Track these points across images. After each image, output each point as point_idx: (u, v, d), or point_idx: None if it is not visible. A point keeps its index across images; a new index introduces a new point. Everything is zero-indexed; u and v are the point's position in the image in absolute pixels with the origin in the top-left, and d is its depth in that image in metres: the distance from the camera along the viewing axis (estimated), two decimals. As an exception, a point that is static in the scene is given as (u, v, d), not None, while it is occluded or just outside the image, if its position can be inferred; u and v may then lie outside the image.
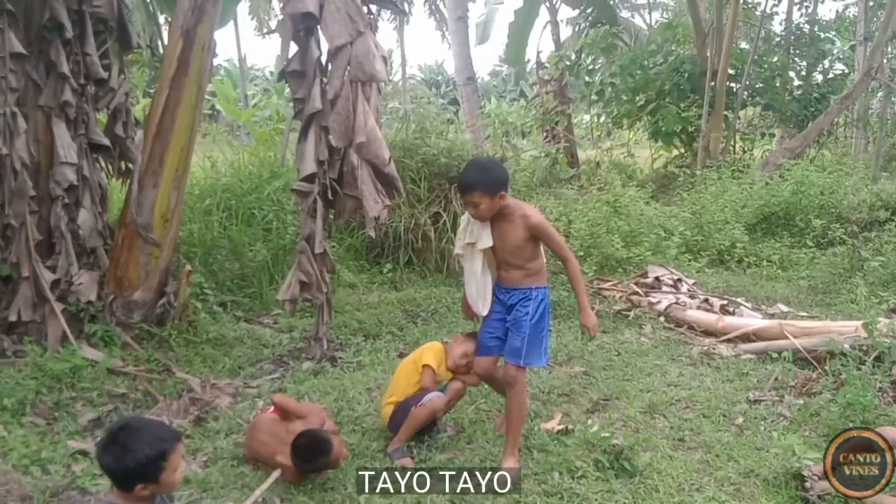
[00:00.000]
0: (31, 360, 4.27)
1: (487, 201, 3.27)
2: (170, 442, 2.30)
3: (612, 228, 7.80)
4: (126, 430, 2.29)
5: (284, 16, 4.63)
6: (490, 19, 17.45)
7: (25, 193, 4.61)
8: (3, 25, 4.58)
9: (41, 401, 3.98)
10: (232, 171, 7.59)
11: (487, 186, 3.26)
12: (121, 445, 2.24)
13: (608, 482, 3.29)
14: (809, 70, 16.09)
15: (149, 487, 2.27)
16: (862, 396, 3.77)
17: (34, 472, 3.36)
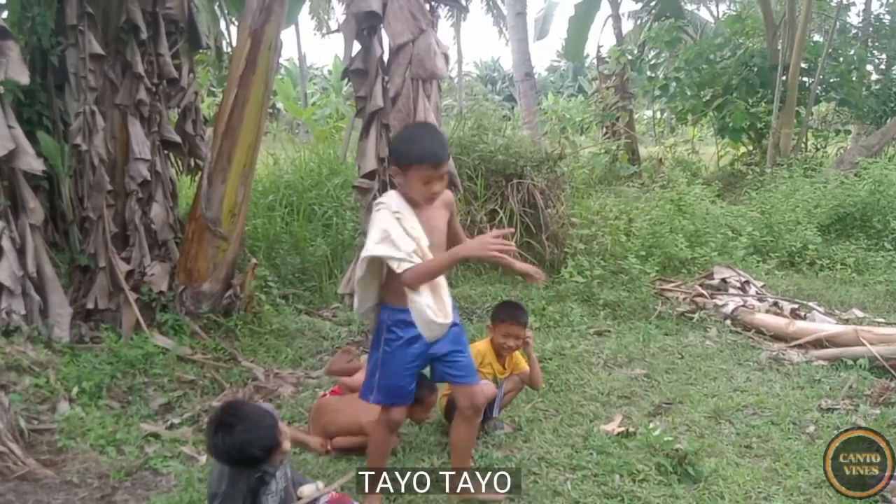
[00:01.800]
0: (107, 346, 4.49)
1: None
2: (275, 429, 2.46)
3: (675, 228, 7.63)
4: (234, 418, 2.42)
5: (348, 15, 4.70)
6: (549, 14, 17.26)
7: (103, 188, 4.84)
8: (83, 27, 4.81)
9: (116, 385, 4.19)
10: (293, 168, 7.75)
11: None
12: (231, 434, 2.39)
13: (671, 487, 3.22)
14: (889, 63, 15.34)
15: (264, 463, 2.46)
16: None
17: (110, 452, 3.54)
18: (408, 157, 2.72)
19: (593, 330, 5.66)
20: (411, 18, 4.57)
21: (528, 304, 6.15)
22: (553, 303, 6.17)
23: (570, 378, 4.64)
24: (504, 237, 2.63)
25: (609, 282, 6.48)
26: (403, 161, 2.73)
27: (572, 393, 4.42)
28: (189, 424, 3.89)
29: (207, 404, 4.08)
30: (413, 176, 2.70)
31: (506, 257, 2.65)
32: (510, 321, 3.72)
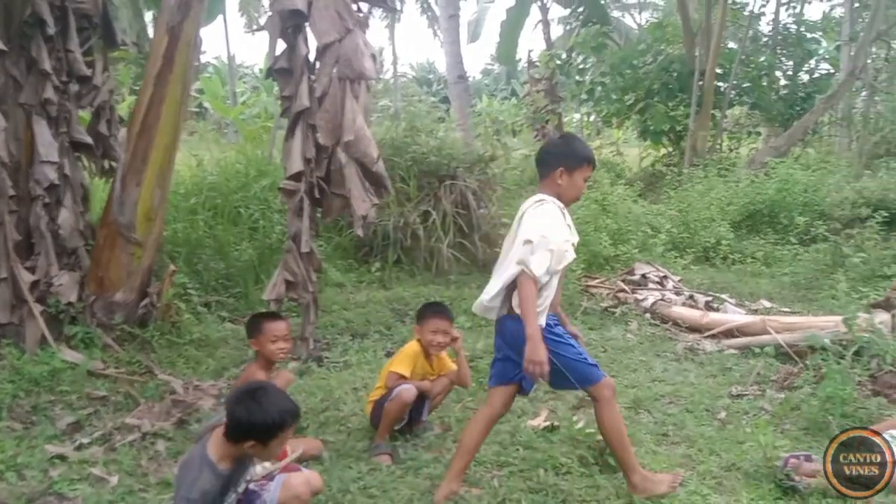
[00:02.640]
0: (9, 363, 4.20)
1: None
2: (293, 416, 2.53)
3: (600, 226, 7.84)
4: (265, 391, 2.52)
5: (272, 12, 4.61)
6: (482, 18, 17.48)
7: (4, 193, 4.51)
8: (-17, 21, 4.54)
9: (18, 405, 3.91)
10: (218, 170, 7.55)
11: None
12: (257, 401, 2.45)
13: (593, 478, 3.29)
14: (795, 70, 16.19)
15: (256, 448, 2.47)
16: (841, 390, 3.81)
17: (9, 478, 3.28)
18: (577, 159, 3.01)
19: (523, 328, 5.74)
20: (337, 18, 4.52)
21: (461, 304, 6.20)
22: (484, 302, 6.22)
23: (499, 375, 4.69)
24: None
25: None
26: (573, 163, 2.99)
27: (500, 390, 4.47)
28: (100, 444, 3.66)
29: (120, 421, 3.86)
30: (579, 176, 3.00)
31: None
32: (437, 316, 3.74)
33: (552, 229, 2.88)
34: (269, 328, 3.55)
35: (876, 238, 7.32)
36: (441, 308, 3.84)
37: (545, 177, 3.05)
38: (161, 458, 3.55)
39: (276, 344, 3.54)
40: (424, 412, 3.80)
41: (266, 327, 3.55)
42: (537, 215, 2.92)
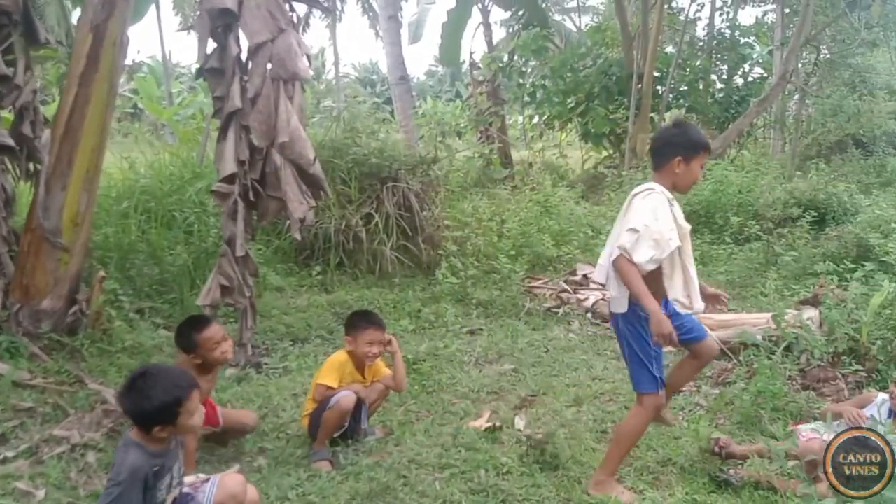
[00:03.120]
0: (-73, 375, 3.98)
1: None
2: (185, 389, 2.47)
3: (542, 228, 7.92)
4: (145, 377, 2.46)
5: (202, 12, 4.50)
6: (423, 19, 17.45)
7: (-79, 197, 4.32)
8: None
9: (-64, 419, 3.71)
10: (152, 172, 7.32)
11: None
12: (138, 391, 2.43)
13: (533, 476, 3.32)
14: (730, 74, 16.69)
15: (167, 430, 2.46)
16: (772, 385, 3.93)
17: (-75, 496, 3.13)
18: (696, 147, 3.07)
19: (467, 329, 5.76)
20: (269, 17, 4.44)
21: (404, 306, 6.19)
22: (428, 304, 6.22)
23: (443, 378, 4.69)
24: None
25: (482, 282, 6.61)
26: (692, 150, 3.05)
27: (444, 392, 4.47)
28: (26, 457, 3.49)
29: (48, 433, 3.69)
30: (696, 163, 3.07)
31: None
32: (372, 327, 3.69)
33: (657, 219, 2.96)
34: (204, 338, 3.38)
35: (806, 237, 7.61)
36: (374, 317, 3.80)
37: (661, 166, 3.11)
38: (91, 470, 3.43)
39: (218, 348, 3.39)
40: (363, 419, 3.74)
41: (200, 338, 3.38)
42: (644, 205, 3.01)
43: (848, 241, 6.97)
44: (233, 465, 3.48)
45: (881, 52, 16.60)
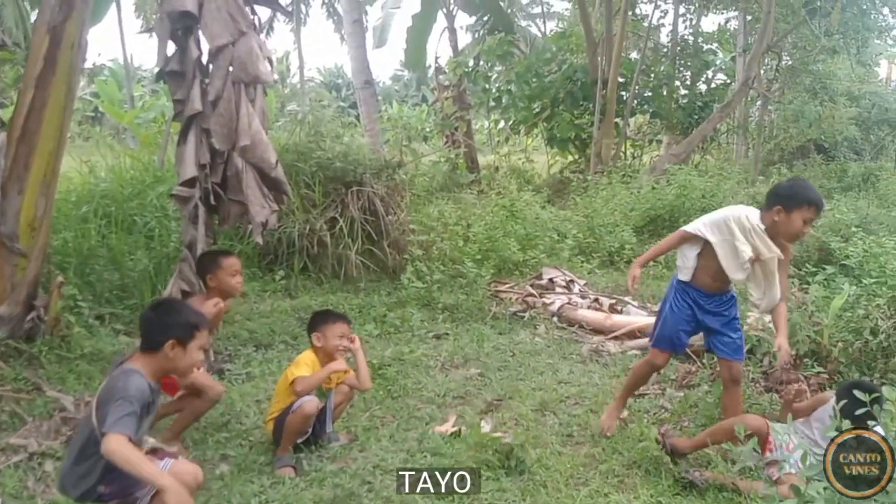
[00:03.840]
0: None
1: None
2: (203, 321, 2.81)
3: (508, 232, 7.95)
4: (173, 300, 3.08)
5: (161, 14, 4.43)
6: (387, 23, 17.40)
7: None
8: None
9: None
10: (112, 176, 7.18)
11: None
12: (169, 305, 2.87)
13: (498, 481, 3.33)
14: (694, 80, 17.00)
15: (176, 350, 2.66)
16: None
17: None
18: (798, 202, 3.43)
19: (432, 334, 5.75)
20: (230, 20, 4.39)
21: (370, 311, 6.17)
22: (394, 309, 6.20)
23: (409, 383, 4.68)
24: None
25: (448, 286, 6.61)
26: (792, 204, 3.43)
27: (409, 397, 4.46)
28: (-18, 466, 3.44)
29: (4, 442, 3.62)
30: (798, 216, 3.42)
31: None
32: (341, 320, 3.72)
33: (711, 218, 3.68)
34: (227, 263, 3.90)
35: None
36: (340, 313, 3.89)
37: (766, 209, 3.54)
38: (49, 478, 3.37)
39: (234, 278, 3.89)
40: (328, 423, 3.71)
41: (224, 262, 3.89)
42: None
43: (809, 245, 7.11)
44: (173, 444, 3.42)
45: (841, 59, 17.04)
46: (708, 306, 3.71)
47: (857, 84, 17.27)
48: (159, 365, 2.68)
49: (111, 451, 2.43)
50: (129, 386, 2.53)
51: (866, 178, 13.93)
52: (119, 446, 2.43)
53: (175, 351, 2.66)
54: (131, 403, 2.49)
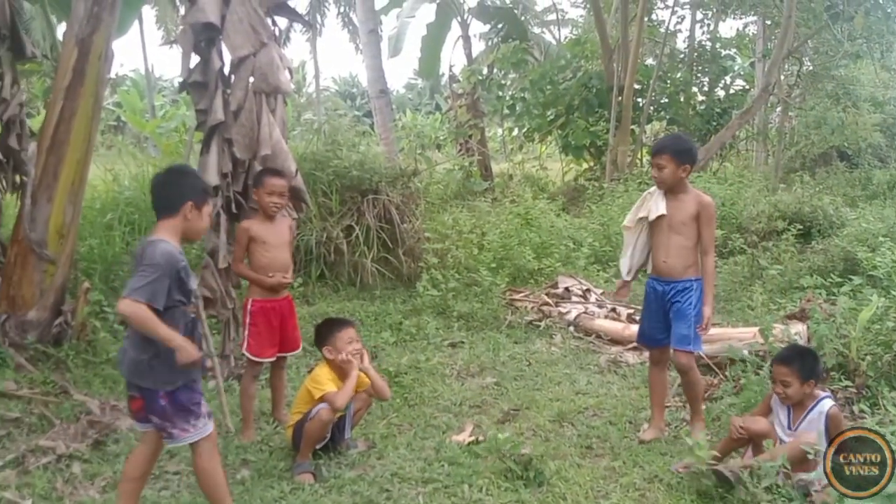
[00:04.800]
0: (-86, 385, 3.96)
1: (672, 168, 3.67)
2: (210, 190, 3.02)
3: (523, 240, 7.96)
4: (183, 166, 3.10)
5: (185, 25, 4.51)
6: (402, 32, 17.47)
7: None
8: None
9: (-76, 429, 3.70)
10: (136, 185, 7.30)
11: (676, 154, 3.67)
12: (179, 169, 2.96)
13: (517, 492, 3.33)
14: (711, 86, 16.86)
15: (193, 212, 2.74)
16: (759, 400, 3.93)
17: (-86, 506, 3.12)
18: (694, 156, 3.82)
19: (448, 342, 5.78)
20: (251, 31, 4.47)
21: (385, 318, 6.21)
22: (409, 317, 6.24)
23: (425, 391, 4.71)
24: None
25: (463, 294, 6.64)
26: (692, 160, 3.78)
27: (426, 406, 4.49)
28: (12, 467, 3.52)
29: (34, 443, 3.71)
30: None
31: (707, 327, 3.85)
32: (346, 325, 3.76)
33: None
34: (270, 182, 3.93)
35: (792, 250, 7.59)
36: (344, 319, 3.98)
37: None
38: (77, 480, 3.46)
39: (270, 197, 3.91)
40: (347, 430, 3.76)
41: (267, 181, 3.93)
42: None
43: (834, 255, 6.94)
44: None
45: (865, 64, 16.76)
46: (667, 293, 3.82)
47: (882, 89, 16.95)
48: (180, 228, 2.73)
49: (126, 315, 2.57)
50: (154, 253, 2.60)
51: (892, 186, 13.55)
52: (133, 309, 2.53)
53: (192, 213, 2.73)
54: (154, 271, 2.56)
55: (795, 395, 3.35)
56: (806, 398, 3.38)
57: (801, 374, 3.31)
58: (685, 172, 3.70)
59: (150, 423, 2.78)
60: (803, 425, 3.37)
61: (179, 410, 2.71)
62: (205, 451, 2.80)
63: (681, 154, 3.68)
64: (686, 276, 3.78)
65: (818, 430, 3.31)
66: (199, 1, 4.37)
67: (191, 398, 2.74)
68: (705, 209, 3.73)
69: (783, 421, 3.44)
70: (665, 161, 3.67)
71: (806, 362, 3.35)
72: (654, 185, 3.86)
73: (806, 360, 3.36)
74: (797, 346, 3.68)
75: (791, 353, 3.45)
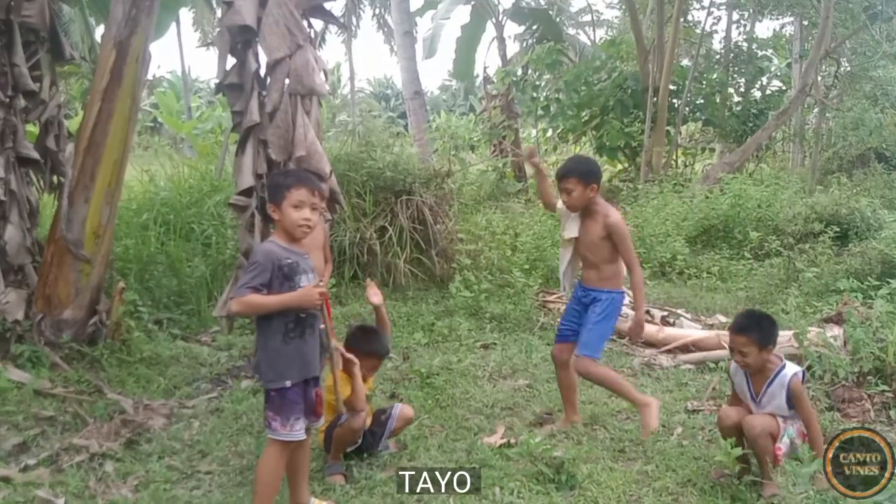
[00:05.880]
0: (-47, 383, 4.06)
1: (580, 190, 3.70)
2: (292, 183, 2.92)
3: (557, 241, 7.86)
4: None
5: (221, 28, 4.56)
6: (437, 34, 17.53)
7: (-52, 208, 4.42)
8: (-76, 34, 4.41)
9: (-38, 426, 3.78)
10: (171, 185, 7.42)
11: (582, 175, 3.70)
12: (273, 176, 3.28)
13: (549, 495, 3.29)
14: (748, 86, 16.62)
15: (276, 212, 2.89)
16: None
17: (-49, 501, 3.18)
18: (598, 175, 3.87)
19: (480, 343, 5.74)
20: (287, 33, 4.49)
21: (418, 319, 6.19)
22: (442, 318, 6.22)
23: (457, 392, 4.68)
24: None
25: (495, 295, 6.60)
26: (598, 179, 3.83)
27: (458, 407, 4.45)
28: (46, 465, 3.57)
29: (68, 442, 3.76)
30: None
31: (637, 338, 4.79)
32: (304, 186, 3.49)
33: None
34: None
35: (829, 253, 7.47)
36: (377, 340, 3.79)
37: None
38: (109, 479, 3.49)
39: (299, 212, 3.97)
40: (382, 440, 3.75)
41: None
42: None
43: (872, 258, 6.81)
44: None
45: (904, 65, 16.39)
46: (584, 299, 3.95)
47: (922, 90, 16.56)
48: (280, 228, 2.93)
49: (237, 311, 2.94)
50: (256, 253, 2.90)
51: (931, 188, 13.32)
52: (240, 303, 2.79)
53: (276, 213, 2.90)
54: (255, 268, 2.79)
55: (755, 362, 3.31)
56: (766, 366, 3.34)
57: (759, 342, 3.28)
58: (593, 192, 3.74)
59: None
60: (766, 397, 3.36)
61: (284, 406, 2.87)
62: (279, 454, 2.92)
63: (586, 175, 3.73)
64: (599, 286, 3.90)
65: (781, 402, 3.31)
66: (236, 3, 4.40)
67: (298, 398, 2.90)
68: (614, 230, 3.79)
69: (746, 391, 3.44)
70: (572, 184, 3.70)
71: (763, 329, 3.31)
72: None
73: (763, 327, 3.32)
74: (753, 312, 3.59)
75: (747, 321, 3.39)
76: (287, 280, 2.83)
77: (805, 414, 3.30)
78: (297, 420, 2.91)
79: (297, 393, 2.89)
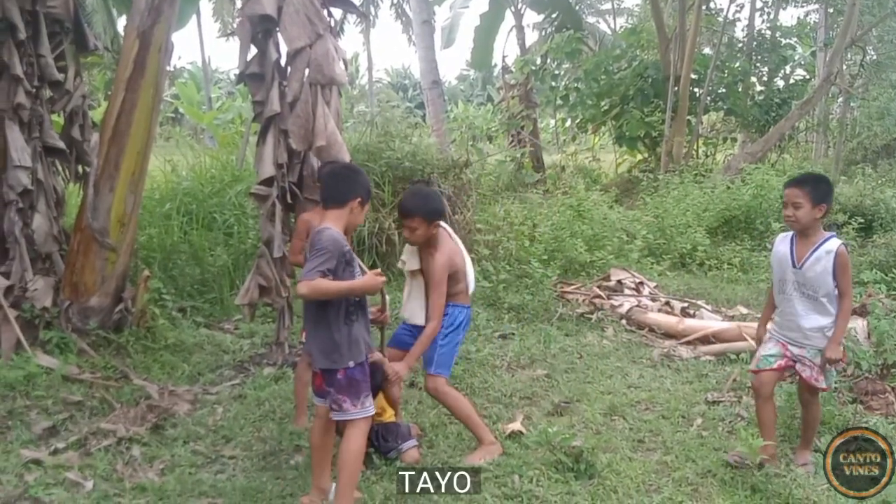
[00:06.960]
0: (-16, 368, 4.15)
1: (424, 228, 3.50)
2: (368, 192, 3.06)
3: (575, 232, 7.87)
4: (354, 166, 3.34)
5: (242, 18, 4.58)
6: (455, 23, 17.48)
7: (-24, 198, 4.50)
8: (-48, 25, 4.48)
9: (-7, 410, 3.88)
10: (193, 175, 7.49)
11: (426, 214, 3.49)
12: (352, 168, 3.23)
13: (568, 484, 3.30)
14: (771, 75, 16.40)
15: (357, 208, 2.97)
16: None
17: (-17, 482, 3.26)
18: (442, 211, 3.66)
19: (498, 333, 5.76)
20: (308, 23, 4.50)
21: (435, 309, 6.19)
22: (460, 308, 6.22)
23: (475, 381, 4.71)
24: None
25: (514, 286, 6.61)
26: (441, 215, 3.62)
27: (476, 396, 4.48)
28: (75, 449, 3.65)
29: (95, 426, 3.85)
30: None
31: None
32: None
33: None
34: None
35: (853, 244, 7.39)
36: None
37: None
38: (136, 462, 3.57)
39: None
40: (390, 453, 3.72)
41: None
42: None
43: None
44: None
45: (931, 54, 16.06)
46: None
47: (949, 80, 16.23)
48: (344, 219, 2.97)
49: (305, 294, 2.84)
50: (322, 239, 2.87)
51: (958, 179, 13.10)
52: (309, 286, 2.81)
53: (357, 208, 2.97)
54: (324, 254, 2.82)
55: (805, 217, 3.27)
56: (813, 230, 3.30)
57: (813, 197, 3.24)
58: (436, 228, 3.55)
59: (326, 398, 3.00)
60: (809, 262, 3.29)
61: (352, 386, 2.94)
62: (361, 431, 3.01)
63: (430, 214, 3.49)
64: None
65: (825, 268, 3.25)
66: (256, -7, 4.43)
67: (364, 376, 2.99)
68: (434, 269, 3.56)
69: (787, 261, 3.37)
70: (417, 223, 3.49)
71: (820, 187, 3.29)
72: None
73: (820, 186, 3.30)
74: (812, 173, 3.59)
75: (805, 177, 3.42)
76: (348, 266, 2.94)
77: (844, 286, 3.26)
78: (367, 397, 3.01)
79: (362, 371, 2.99)
